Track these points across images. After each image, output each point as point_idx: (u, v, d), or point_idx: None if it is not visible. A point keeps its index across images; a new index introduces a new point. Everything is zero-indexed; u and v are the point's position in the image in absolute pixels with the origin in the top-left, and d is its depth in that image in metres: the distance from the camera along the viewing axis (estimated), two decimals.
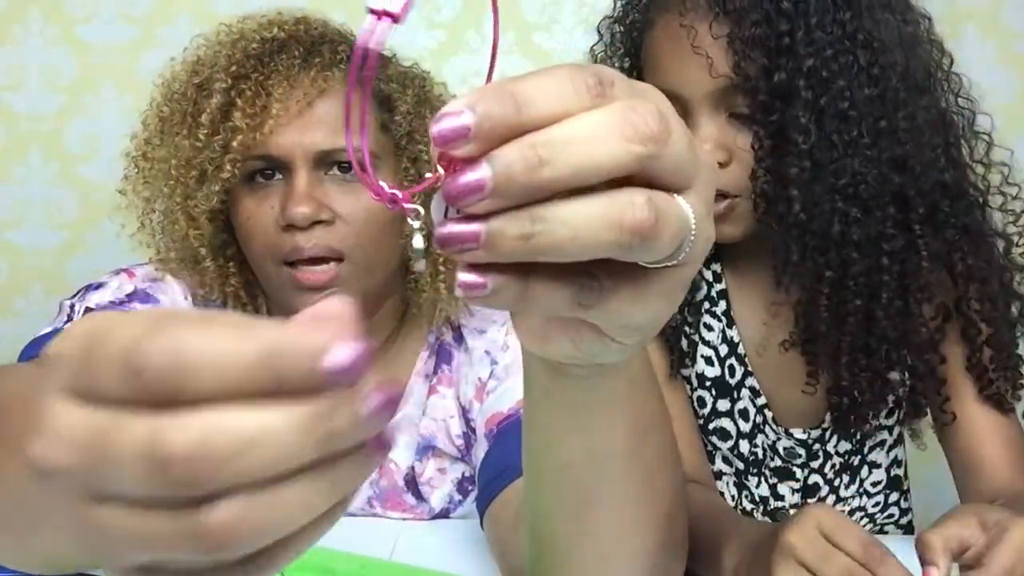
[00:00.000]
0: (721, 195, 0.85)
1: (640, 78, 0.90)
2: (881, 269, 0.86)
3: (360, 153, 0.33)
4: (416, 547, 0.86)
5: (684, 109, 0.86)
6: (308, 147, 0.88)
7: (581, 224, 0.31)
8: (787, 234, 0.85)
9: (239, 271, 0.95)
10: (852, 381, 0.91)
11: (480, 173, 0.30)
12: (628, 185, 0.32)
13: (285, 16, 0.94)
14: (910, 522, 1.07)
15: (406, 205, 0.34)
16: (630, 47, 0.94)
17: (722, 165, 0.85)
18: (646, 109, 0.32)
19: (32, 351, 0.85)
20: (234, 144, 0.87)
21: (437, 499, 0.98)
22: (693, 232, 0.34)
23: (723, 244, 0.97)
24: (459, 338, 0.98)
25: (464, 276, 0.33)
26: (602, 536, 0.55)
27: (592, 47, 1.00)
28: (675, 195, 0.34)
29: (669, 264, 0.35)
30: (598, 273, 0.34)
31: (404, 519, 0.98)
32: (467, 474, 0.98)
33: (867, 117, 0.83)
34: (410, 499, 0.98)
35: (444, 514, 0.98)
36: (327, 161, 0.89)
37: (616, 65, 0.95)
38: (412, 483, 0.97)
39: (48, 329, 0.89)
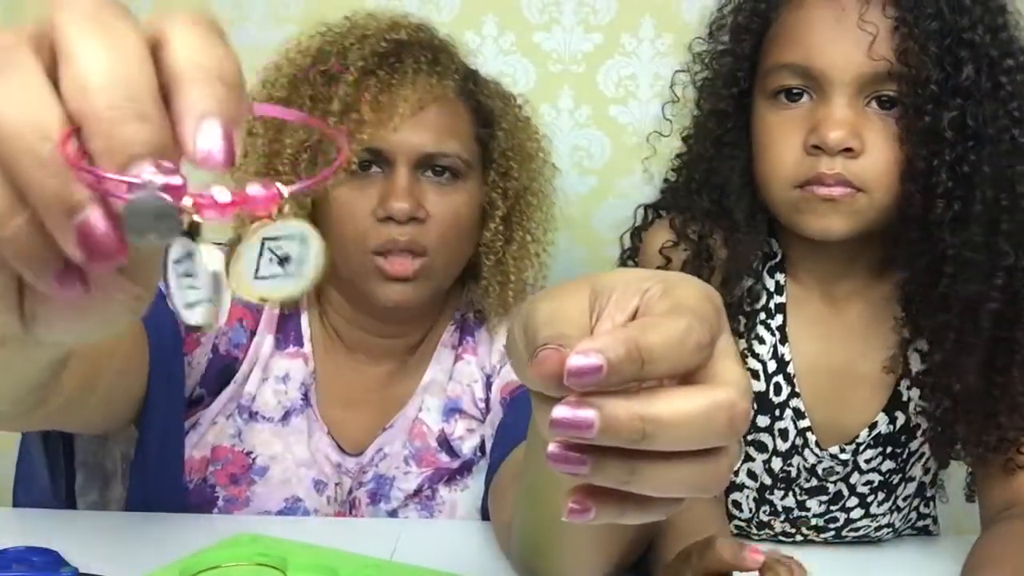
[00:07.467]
0: (844, 184, 0.81)
1: (759, 52, 0.87)
2: None
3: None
4: (417, 547, 0.86)
5: (819, 86, 0.82)
6: (416, 147, 0.93)
7: (672, 483, 0.36)
8: (927, 238, 0.81)
9: None
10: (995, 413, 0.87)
11: (589, 416, 0.34)
12: None
13: (404, 20, 1.00)
14: (926, 526, 1.04)
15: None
16: (754, 20, 0.87)
17: (853, 154, 0.81)
18: (739, 405, 0.35)
19: None
20: (362, 136, 0.92)
21: (468, 449, 1.02)
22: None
23: (792, 256, 0.93)
24: (481, 317, 1.06)
25: (572, 504, 0.37)
26: (562, 554, 0.66)
27: (691, 45, 0.95)
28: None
29: None
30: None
31: (430, 470, 1.00)
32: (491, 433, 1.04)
33: None
34: (444, 457, 1.02)
35: (469, 464, 1.02)
36: (426, 163, 0.95)
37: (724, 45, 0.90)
38: (445, 443, 1.02)
39: None
